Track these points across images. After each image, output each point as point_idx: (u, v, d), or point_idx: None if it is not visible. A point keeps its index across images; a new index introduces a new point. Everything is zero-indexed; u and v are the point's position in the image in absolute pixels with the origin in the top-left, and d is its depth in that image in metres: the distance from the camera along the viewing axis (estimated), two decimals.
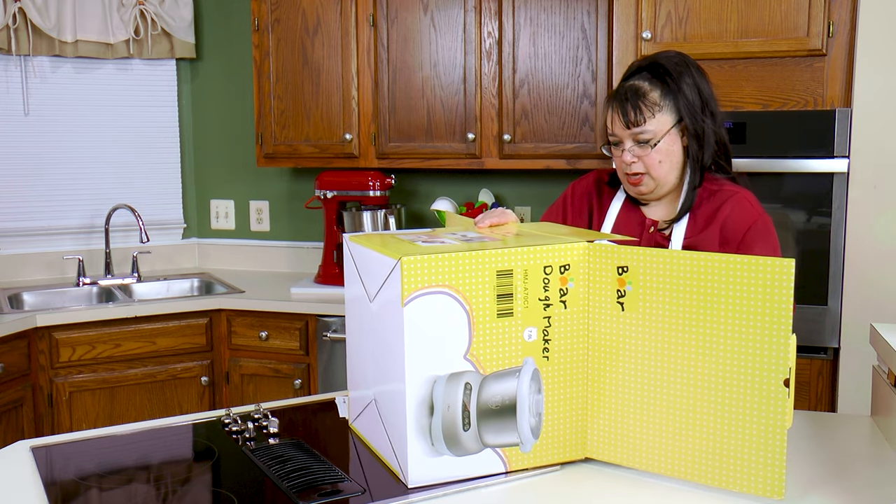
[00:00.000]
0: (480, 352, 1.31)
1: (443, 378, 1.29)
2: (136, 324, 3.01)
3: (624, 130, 1.67)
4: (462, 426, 1.30)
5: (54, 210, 3.57)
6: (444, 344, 1.29)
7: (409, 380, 1.28)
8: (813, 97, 2.46)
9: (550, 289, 1.34)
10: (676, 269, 1.28)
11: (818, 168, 2.40)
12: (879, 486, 1.34)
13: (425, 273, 1.26)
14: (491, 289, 1.30)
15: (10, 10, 3.28)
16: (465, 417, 1.30)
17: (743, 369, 1.24)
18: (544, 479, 1.36)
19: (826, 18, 2.42)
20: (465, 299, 1.29)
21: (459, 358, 1.30)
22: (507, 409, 1.32)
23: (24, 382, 2.82)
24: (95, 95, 3.61)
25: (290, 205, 3.77)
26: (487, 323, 1.31)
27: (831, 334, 2.44)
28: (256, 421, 1.60)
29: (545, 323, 1.34)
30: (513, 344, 1.33)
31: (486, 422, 1.32)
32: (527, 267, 1.32)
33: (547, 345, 1.35)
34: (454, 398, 1.30)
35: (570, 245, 1.35)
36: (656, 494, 1.30)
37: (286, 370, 3.08)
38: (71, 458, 1.48)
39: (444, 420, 1.30)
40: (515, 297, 1.32)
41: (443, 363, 1.29)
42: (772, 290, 1.20)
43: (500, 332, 1.32)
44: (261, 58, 3.34)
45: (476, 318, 1.30)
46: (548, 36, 2.99)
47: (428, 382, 1.29)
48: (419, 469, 1.31)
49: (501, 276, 1.31)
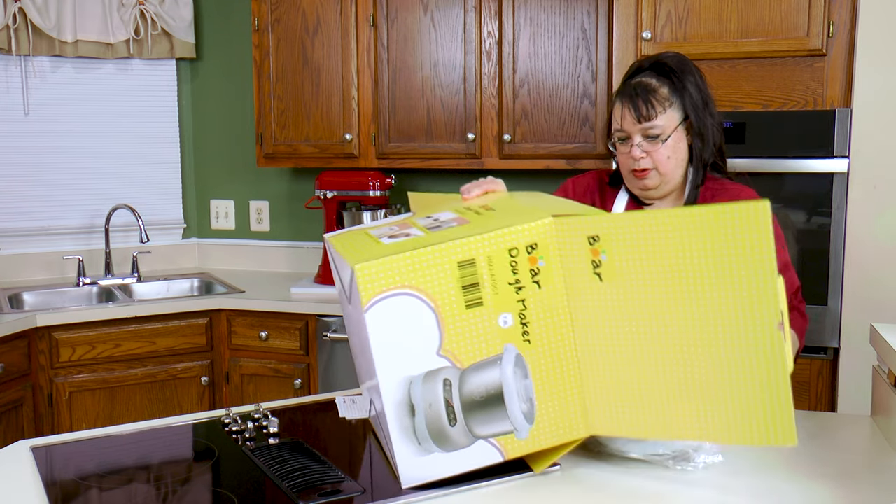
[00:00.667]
0: (455, 346, 1.27)
1: (419, 378, 1.27)
2: (136, 324, 3.01)
3: (634, 125, 1.68)
4: (448, 422, 1.28)
5: (54, 210, 3.57)
6: (415, 344, 1.26)
7: (383, 384, 1.26)
8: (813, 97, 2.46)
9: (520, 271, 1.29)
10: (649, 230, 1.22)
11: (818, 168, 2.40)
12: (879, 486, 1.33)
13: (382, 277, 1.23)
14: (454, 281, 1.26)
15: (10, 10, 3.28)
16: (449, 413, 1.28)
17: (735, 320, 1.18)
18: (544, 478, 1.36)
19: (826, 18, 2.42)
20: (428, 297, 1.25)
21: (433, 355, 1.27)
22: (493, 398, 1.29)
23: (24, 382, 2.82)
24: (95, 95, 3.61)
25: (290, 205, 3.77)
26: (457, 317, 1.27)
27: (831, 334, 2.44)
28: (256, 421, 1.60)
29: (520, 307, 1.29)
30: (488, 333, 1.28)
31: (474, 414, 1.29)
32: (489, 253, 1.27)
33: (526, 328, 1.30)
34: (434, 396, 1.27)
35: (534, 224, 1.28)
36: (659, 488, 1.30)
37: (286, 370, 3.08)
38: (71, 458, 1.48)
39: (427, 419, 1.28)
40: (482, 285, 1.27)
41: (416, 363, 1.26)
42: (750, 235, 1.14)
43: (472, 323, 1.28)
44: (261, 58, 3.34)
45: (444, 313, 1.26)
46: (548, 36, 2.99)
47: (404, 384, 1.27)
48: (410, 470, 1.30)
49: (464, 266, 1.26)
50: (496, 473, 1.35)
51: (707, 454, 1.37)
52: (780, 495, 1.28)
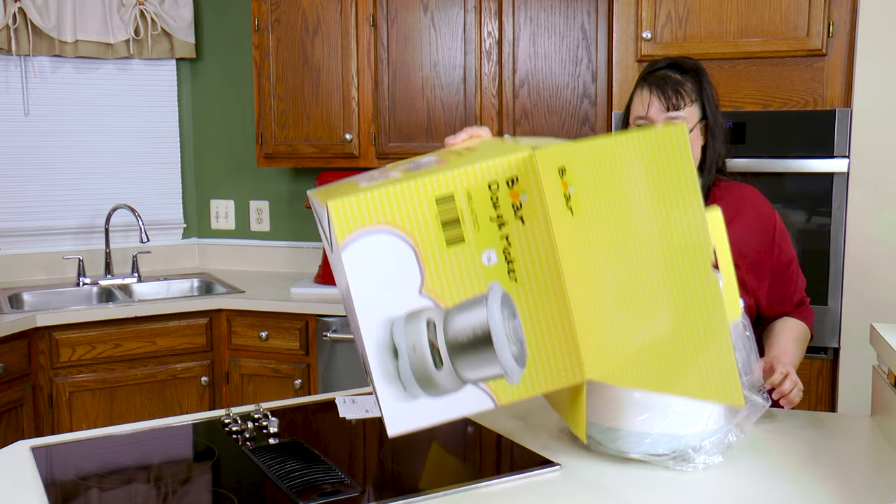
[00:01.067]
0: (437, 286, 1.21)
1: (400, 318, 1.21)
2: (137, 324, 3.01)
3: (661, 114, 1.69)
4: (434, 365, 1.23)
5: (54, 210, 3.57)
6: (395, 283, 1.20)
7: (363, 325, 1.20)
8: (813, 97, 2.46)
9: (501, 206, 1.23)
10: (599, 158, 1.15)
11: (818, 168, 2.40)
12: (879, 486, 1.34)
13: (357, 215, 1.18)
14: (433, 218, 1.20)
15: (10, 10, 3.28)
16: (434, 356, 1.22)
17: (671, 259, 1.09)
18: (544, 478, 1.36)
19: (826, 18, 2.42)
20: (407, 234, 1.20)
21: (415, 295, 1.21)
22: (480, 340, 1.23)
23: (24, 382, 2.82)
24: (95, 95, 3.61)
25: (290, 205, 3.77)
26: (438, 255, 1.21)
27: (831, 334, 2.44)
28: (256, 421, 1.60)
29: (504, 243, 1.23)
30: (472, 272, 1.22)
31: (461, 357, 1.23)
32: (468, 188, 1.22)
33: (511, 266, 1.24)
34: (418, 338, 1.22)
35: (512, 157, 1.22)
36: (659, 488, 1.30)
37: (286, 370, 3.08)
38: (71, 458, 1.48)
39: (411, 362, 1.22)
40: (463, 221, 1.22)
41: (398, 303, 1.21)
42: (669, 162, 1.05)
43: (453, 261, 1.21)
44: (261, 58, 3.34)
45: (424, 251, 1.21)
46: (548, 36, 2.99)
47: (385, 325, 1.21)
48: (396, 415, 1.24)
49: (442, 202, 1.21)
50: (496, 473, 1.35)
51: (707, 455, 1.37)
52: (779, 495, 1.28)
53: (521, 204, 1.24)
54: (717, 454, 1.38)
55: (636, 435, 1.37)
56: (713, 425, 1.37)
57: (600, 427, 1.40)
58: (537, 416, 1.64)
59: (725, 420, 1.39)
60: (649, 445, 1.37)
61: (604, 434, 1.40)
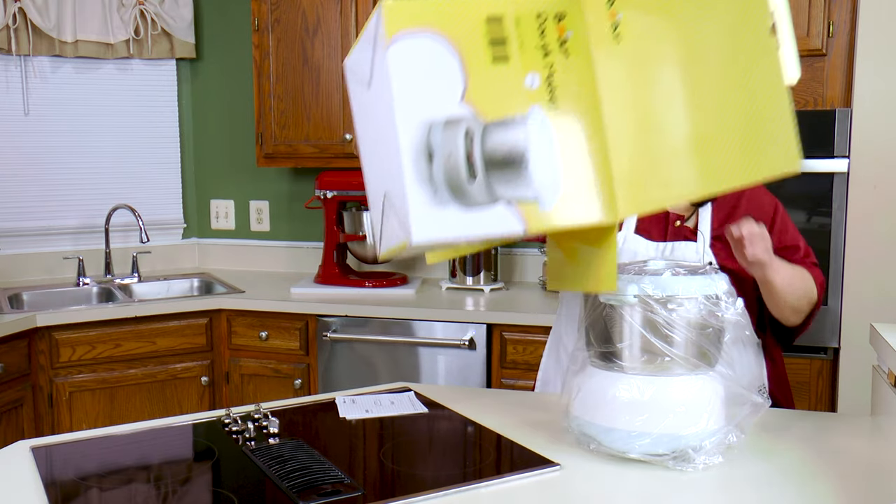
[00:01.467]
0: (478, 97, 1.21)
1: (439, 123, 1.20)
2: (136, 324, 3.01)
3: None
4: (468, 175, 1.20)
5: (54, 210, 3.57)
6: (437, 87, 1.19)
7: (401, 123, 1.18)
8: (813, 97, 2.46)
9: (547, 37, 1.25)
10: None
11: (818, 168, 2.40)
12: (879, 486, 1.34)
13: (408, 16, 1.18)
14: (481, 35, 1.21)
15: (10, 10, 3.28)
16: (469, 167, 1.20)
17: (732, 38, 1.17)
18: (544, 478, 1.36)
19: (826, 18, 2.42)
20: (454, 42, 1.20)
21: (455, 102, 1.20)
22: (515, 160, 1.22)
23: (24, 382, 2.82)
24: (95, 95, 3.61)
25: (290, 205, 3.78)
26: (482, 67, 1.21)
27: (831, 334, 2.44)
28: (256, 421, 1.60)
29: (548, 70, 1.25)
30: (513, 90, 1.23)
31: (495, 172, 1.22)
32: (518, 14, 1.24)
33: (553, 94, 1.25)
34: (455, 145, 1.20)
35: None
36: (659, 488, 1.30)
37: (286, 370, 3.08)
38: (71, 458, 1.48)
39: (445, 170, 1.20)
40: (509, 42, 1.23)
41: (437, 107, 1.20)
42: None
43: (497, 76, 1.22)
44: (261, 58, 3.34)
45: (469, 61, 1.21)
46: None
47: (423, 127, 1.19)
48: (423, 221, 1.19)
49: (491, 21, 1.22)
50: (496, 473, 1.35)
51: (707, 454, 1.37)
52: (779, 495, 1.28)
53: (567, 39, 1.27)
54: (717, 454, 1.38)
55: (636, 435, 1.37)
56: (713, 425, 1.37)
57: (600, 427, 1.40)
58: (537, 416, 1.64)
59: (725, 420, 1.39)
60: (649, 445, 1.37)
61: (604, 434, 1.40)
